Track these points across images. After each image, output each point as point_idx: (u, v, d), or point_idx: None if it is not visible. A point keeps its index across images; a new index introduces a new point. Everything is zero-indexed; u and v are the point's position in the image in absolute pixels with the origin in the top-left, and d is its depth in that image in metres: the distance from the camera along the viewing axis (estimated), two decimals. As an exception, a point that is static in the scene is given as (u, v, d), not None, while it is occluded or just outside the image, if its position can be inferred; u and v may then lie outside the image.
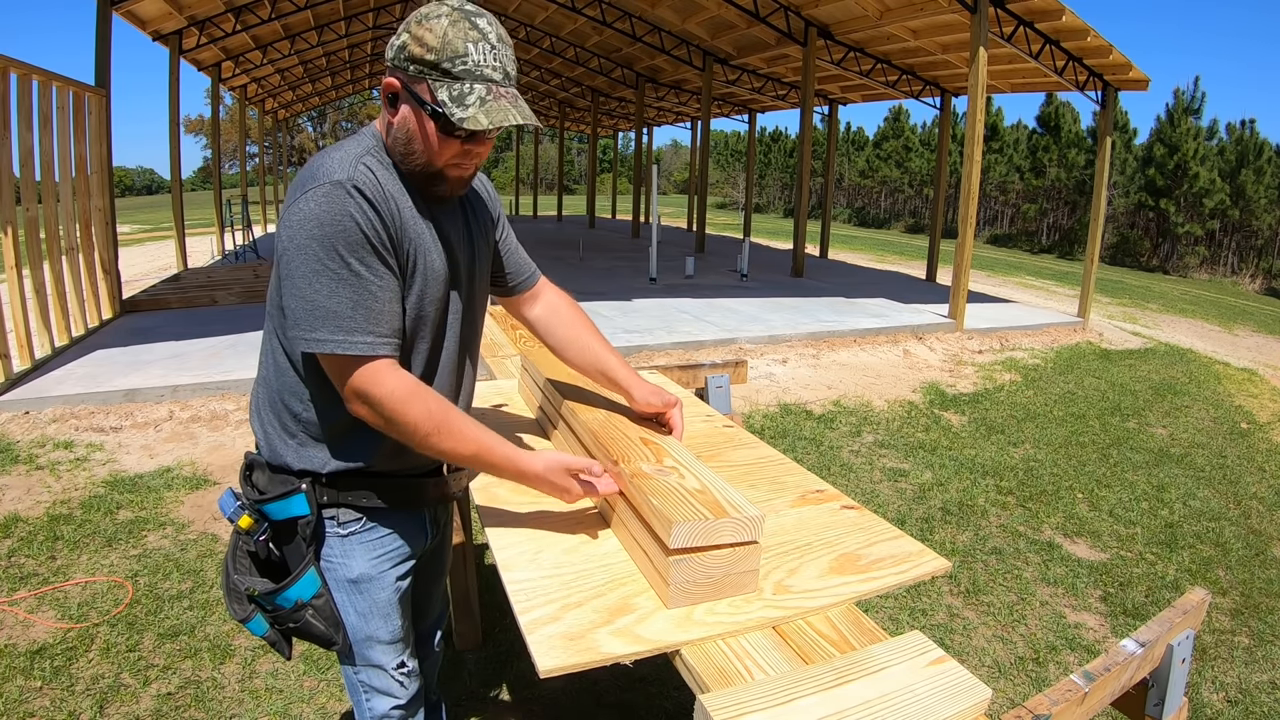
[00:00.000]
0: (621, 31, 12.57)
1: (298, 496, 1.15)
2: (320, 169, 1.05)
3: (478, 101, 1.02)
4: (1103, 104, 9.39)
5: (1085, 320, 9.20)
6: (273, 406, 1.17)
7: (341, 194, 1.02)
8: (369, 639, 1.23)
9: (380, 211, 1.05)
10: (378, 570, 1.21)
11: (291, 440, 1.16)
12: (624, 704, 2.20)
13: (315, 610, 1.17)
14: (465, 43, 1.01)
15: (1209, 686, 2.50)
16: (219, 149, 13.69)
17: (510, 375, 2.08)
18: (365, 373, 1.04)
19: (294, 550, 1.18)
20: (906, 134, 32.72)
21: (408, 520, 1.25)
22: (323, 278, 1.02)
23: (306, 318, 1.03)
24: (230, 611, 1.18)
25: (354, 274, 1.02)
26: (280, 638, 1.19)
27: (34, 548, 2.95)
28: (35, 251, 5.08)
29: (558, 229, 19.39)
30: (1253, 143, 21.52)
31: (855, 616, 1.05)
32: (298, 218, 1.02)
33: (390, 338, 1.06)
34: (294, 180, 1.10)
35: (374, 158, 1.09)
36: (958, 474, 4.23)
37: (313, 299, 1.02)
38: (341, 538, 1.19)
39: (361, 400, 1.05)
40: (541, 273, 1.46)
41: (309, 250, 1.01)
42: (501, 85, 1.05)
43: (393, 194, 1.08)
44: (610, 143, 30.99)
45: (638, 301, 8.19)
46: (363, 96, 39.13)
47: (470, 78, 1.02)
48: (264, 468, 1.20)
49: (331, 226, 1.01)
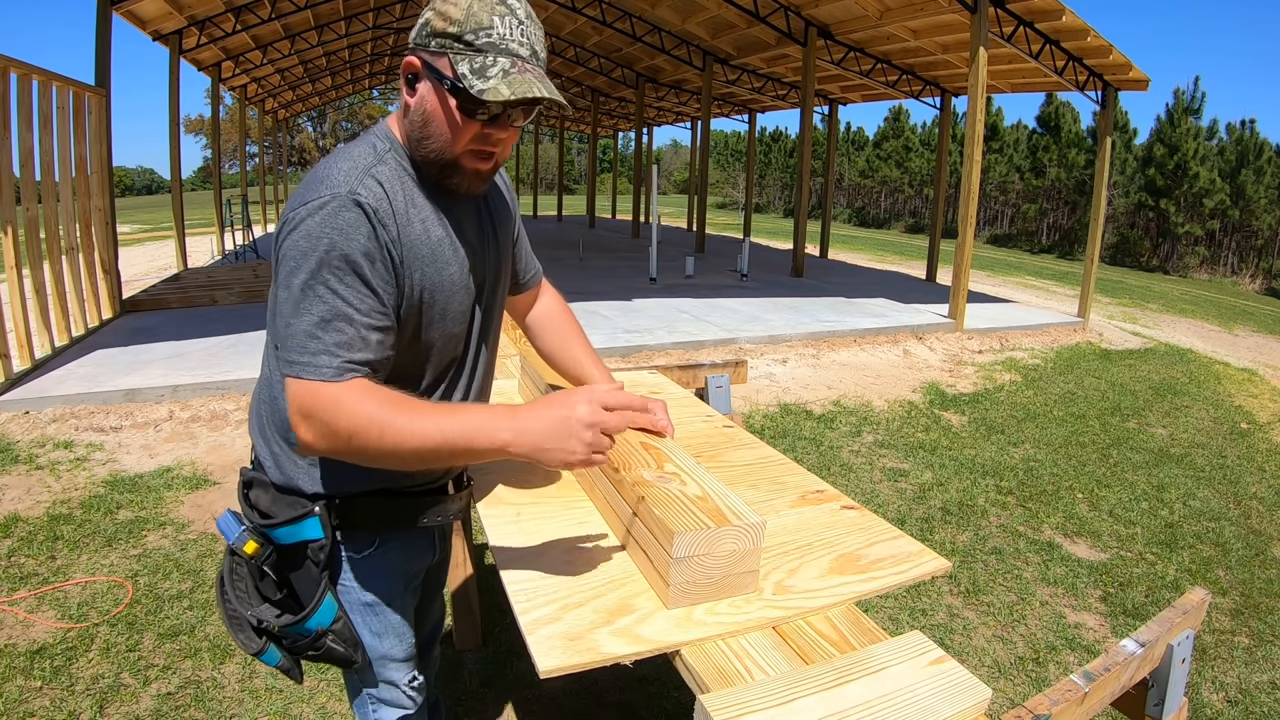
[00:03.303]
0: (621, 31, 12.57)
1: (311, 520, 1.08)
2: (326, 177, 0.98)
3: (500, 74, 0.95)
4: (1103, 104, 9.39)
5: (1085, 320, 9.20)
6: (280, 428, 1.10)
7: (338, 208, 0.95)
8: (383, 658, 1.21)
9: (380, 230, 0.97)
10: (392, 590, 1.19)
11: (303, 460, 1.10)
12: (624, 704, 2.20)
13: (335, 635, 1.12)
14: (491, 15, 0.95)
15: (1209, 686, 2.50)
16: (219, 149, 13.69)
17: (510, 375, 2.08)
18: (311, 391, 0.92)
19: (304, 576, 1.11)
20: (906, 134, 32.73)
21: (418, 538, 1.23)
22: (295, 293, 0.94)
23: (279, 335, 0.96)
24: (236, 642, 1.12)
25: (332, 291, 0.94)
26: (294, 664, 1.15)
27: (34, 548, 2.95)
28: (35, 251, 5.08)
29: (558, 229, 19.39)
30: (1253, 143, 21.53)
31: (855, 616, 1.05)
32: (291, 225, 0.96)
33: (359, 366, 0.95)
34: (300, 183, 1.03)
35: (386, 166, 1.01)
36: (958, 474, 4.23)
37: (285, 315, 0.95)
38: (356, 561, 1.14)
39: (302, 417, 0.93)
40: (543, 273, 1.46)
41: (293, 262, 0.94)
42: (528, 62, 0.98)
43: (401, 208, 1.00)
44: (610, 143, 30.99)
45: (638, 301, 8.19)
46: (363, 96, 39.14)
47: (494, 50, 0.95)
48: (267, 487, 1.13)
49: (319, 240, 0.94)
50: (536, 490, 1.38)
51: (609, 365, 1.58)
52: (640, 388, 2.07)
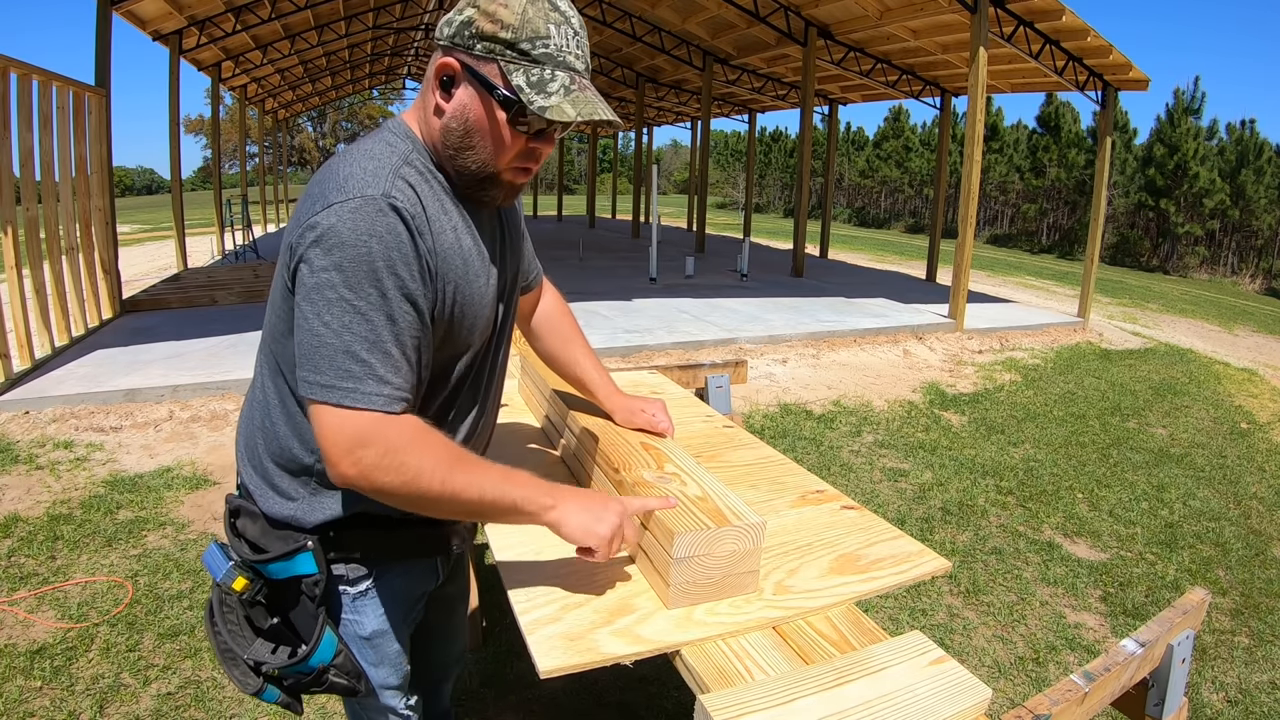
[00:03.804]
0: (621, 31, 12.57)
1: (304, 555, 1.02)
2: (350, 178, 0.88)
3: (561, 90, 0.88)
4: (1103, 104, 9.39)
5: (1085, 320, 9.20)
6: (279, 456, 1.03)
7: (373, 212, 0.86)
8: (381, 686, 1.19)
9: (417, 237, 0.89)
10: (390, 624, 1.14)
11: (304, 490, 1.03)
12: (624, 704, 2.20)
13: (337, 669, 1.07)
14: (547, 24, 0.88)
15: (1209, 686, 2.50)
16: (219, 149, 13.69)
17: (510, 375, 2.08)
18: (369, 421, 0.86)
19: (300, 611, 1.05)
20: (906, 134, 32.73)
21: (418, 567, 1.17)
22: (334, 309, 0.84)
23: (310, 355, 0.86)
24: (231, 679, 1.05)
25: (374, 308, 0.85)
26: (293, 699, 1.09)
27: (34, 548, 2.95)
28: (35, 251, 5.08)
29: (558, 229, 19.38)
30: (1253, 143, 21.54)
31: (855, 616, 1.05)
32: (318, 234, 0.85)
33: (407, 394, 0.89)
34: (313, 183, 0.93)
35: (412, 168, 0.93)
36: (958, 474, 4.23)
37: (320, 333, 0.85)
38: (352, 598, 1.09)
39: (354, 447, 0.85)
40: (543, 273, 1.46)
41: (325, 275, 0.85)
42: (583, 76, 0.92)
43: (434, 214, 0.93)
44: (610, 143, 31.00)
45: (638, 301, 8.19)
46: (363, 96, 39.12)
47: (552, 63, 0.88)
48: (256, 517, 1.06)
49: (354, 250, 0.84)
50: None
51: (609, 365, 1.58)
52: (640, 388, 2.07)
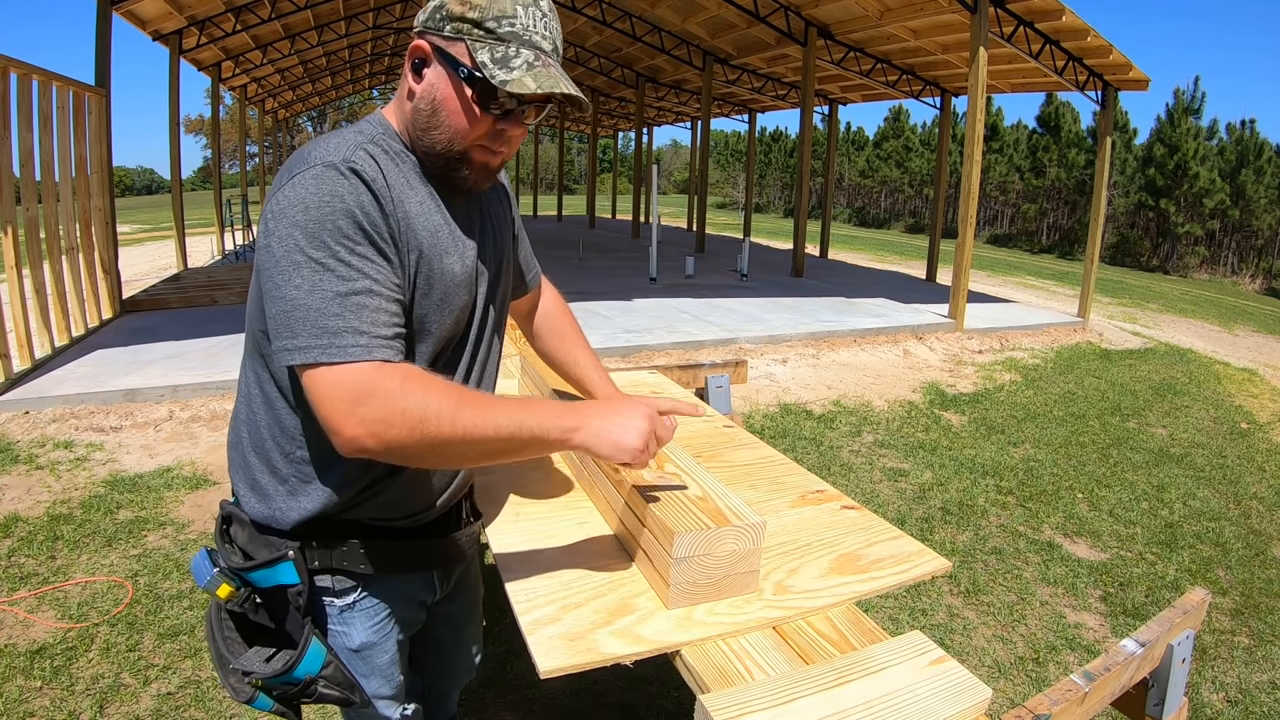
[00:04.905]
0: (621, 31, 12.57)
1: (284, 564, 1.00)
2: (312, 152, 0.89)
3: (524, 66, 0.89)
4: (1103, 104, 9.39)
5: (1085, 320, 9.20)
6: (259, 448, 1.01)
7: (334, 175, 0.86)
8: (374, 697, 1.16)
9: (380, 199, 0.89)
10: (379, 637, 1.10)
11: (283, 486, 1.00)
12: (624, 704, 2.20)
13: (327, 680, 1.04)
14: (515, 4, 0.90)
15: (1209, 686, 2.50)
16: (219, 149, 13.70)
17: (510, 375, 2.08)
18: (359, 373, 0.83)
19: (292, 621, 1.03)
20: (906, 134, 32.74)
21: (411, 580, 1.13)
22: (303, 270, 0.83)
23: (285, 321, 0.84)
24: (225, 687, 1.02)
25: (343, 263, 0.85)
26: (288, 708, 1.06)
27: (34, 548, 2.95)
28: (35, 251, 5.08)
29: (558, 229, 19.38)
30: (1253, 143, 21.54)
31: (855, 616, 1.05)
32: (281, 205, 0.86)
33: (391, 341, 0.87)
34: (282, 170, 0.93)
35: (379, 146, 0.94)
36: (958, 474, 4.23)
37: (292, 297, 0.84)
38: (339, 610, 1.06)
39: (354, 404, 0.82)
40: (542, 272, 1.46)
41: (290, 240, 0.84)
42: (550, 56, 0.93)
43: (397, 184, 0.93)
44: (610, 143, 30.99)
45: (638, 301, 8.19)
46: (362, 97, 39.07)
47: (517, 40, 0.90)
48: (245, 523, 1.04)
49: (318, 210, 0.84)
50: (536, 491, 1.38)
51: (609, 365, 1.58)
52: (640, 388, 2.07)
